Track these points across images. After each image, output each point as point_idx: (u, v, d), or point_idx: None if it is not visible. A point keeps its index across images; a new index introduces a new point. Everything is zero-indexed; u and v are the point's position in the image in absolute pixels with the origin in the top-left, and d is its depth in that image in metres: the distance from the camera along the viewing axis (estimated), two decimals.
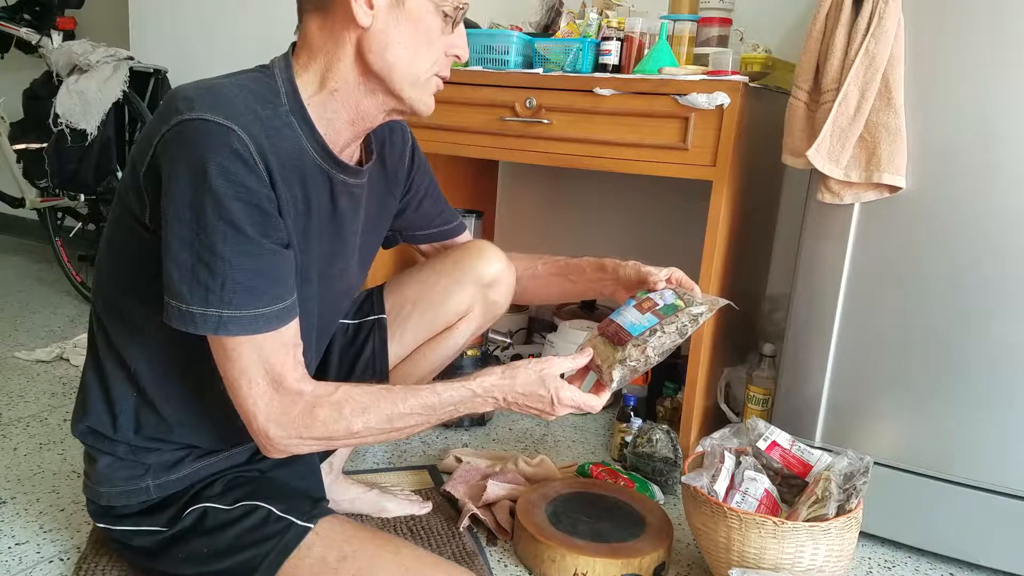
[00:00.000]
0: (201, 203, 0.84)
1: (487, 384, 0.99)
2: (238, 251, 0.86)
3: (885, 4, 1.25)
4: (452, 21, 0.99)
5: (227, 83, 0.92)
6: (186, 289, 0.86)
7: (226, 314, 0.87)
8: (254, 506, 1.03)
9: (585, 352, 1.08)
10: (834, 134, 1.32)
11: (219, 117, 0.85)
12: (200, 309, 0.87)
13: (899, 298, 1.34)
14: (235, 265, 0.86)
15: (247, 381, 0.90)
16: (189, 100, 0.87)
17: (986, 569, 1.36)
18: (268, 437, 0.93)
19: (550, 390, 0.99)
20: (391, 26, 0.94)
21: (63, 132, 2.31)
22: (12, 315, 2.43)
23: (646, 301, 1.11)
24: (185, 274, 0.86)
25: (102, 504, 1.06)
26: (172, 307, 0.88)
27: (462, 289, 1.26)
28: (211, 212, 0.84)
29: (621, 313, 1.11)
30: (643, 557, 1.22)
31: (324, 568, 0.99)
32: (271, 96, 0.94)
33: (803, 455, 1.26)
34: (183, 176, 0.85)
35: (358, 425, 0.94)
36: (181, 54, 2.53)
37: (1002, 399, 1.28)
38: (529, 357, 2.19)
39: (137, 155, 0.92)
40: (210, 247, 0.85)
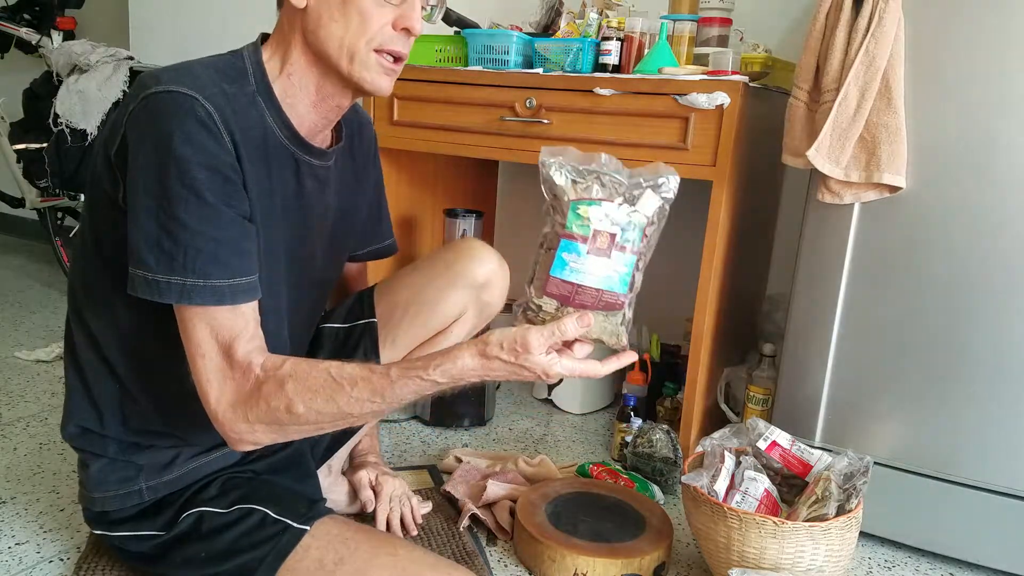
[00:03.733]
0: (165, 170, 0.85)
1: (454, 373, 0.87)
2: (199, 217, 0.86)
3: (885, 4, 1.25)
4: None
5: (194, 63, 0.94)
6: (152, 258, 0.86)
7: (189, 282, 0.86)
8: (250, 509, 1.03)
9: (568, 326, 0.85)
10: (834, 134, 1.32)
11: (183, 88, 0.87)
12: (164, 277, 0.86)
13: (899, 298, 1.34)
14: (196, 232, 0.86)
15: (201, 355, 0.89)
16: (155, 77, 0.88)
17: (986, 569, 1.36)
18: (218, 420, 0.90)
19: (535, 371, 0.86)
20: (322, 4, 0.95)
21: (63, 132, 2.31)
22: (12, 315, 2.43)
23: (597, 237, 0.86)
24: (150, 243, 0.86)
25: (96, 510, 1.06)
26: (139, 277, 0.87)
27: (455, 291, 1.24)
28: (175, 179, 0.85)
29: (575, 267, 0.86)
30: (643, 557, 1.22)
31: (321, 570, 0.99)
32: (238, 76, 0.95)
33: (803, 455, 1.26)
34: (148, 145, 0.86)
35: (301, 408, 0.88)
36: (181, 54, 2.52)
37: (1002, 399, 1.28)
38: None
39: (108, 137, 0.92)
40: (173, 215, 0.85)
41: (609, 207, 0.86)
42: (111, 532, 1.07)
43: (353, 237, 1.25)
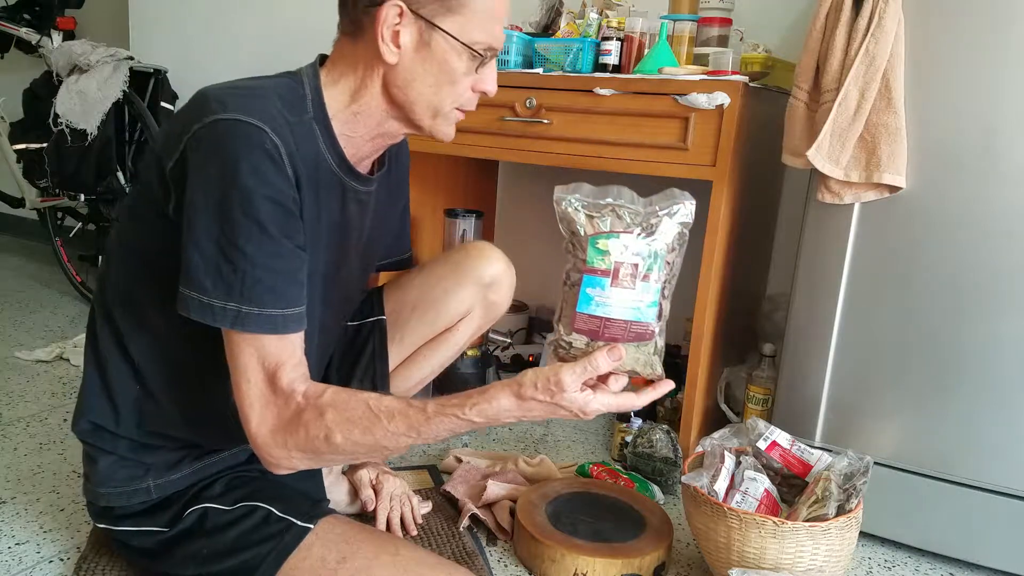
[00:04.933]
0: (230, 199, 0.85)
1: (491, 413, 0.88)
2: (260, 248, 0.87)
3: (885, 4, 1.25)
4: (481, 61, 1.00)
5: (257, 86, 0.94)
6: (209, 282, 0.87)
7: (244, 309, 0.87)
8: (254, 507, 1.03)
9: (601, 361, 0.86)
10: (834, 134, 1.32)
11: (253, 119, 0.87)
12: (220, 302, 0.87)
13: (899, 298, 1.34)
14: (257, 263, 0.87)
15: (246, 380, 0.90)
16: (222, 101, 0.88)
17: (986, 569, 1.36)
18: (257, 444, 0.91)
19: (571, 411, 0.88)
20: (416, 65, 0.97)
21: (63, 132, 2.31)
22: (12, 315, 2.44)
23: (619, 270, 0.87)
24: (209, 267, 0.87)
25: (102, 505, 1.06)
26: (192, 298, 0.88)
27: (462, 290, 1.27)
28: (239, 209, 0.85)
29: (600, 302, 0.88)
30: (643, 557, 1.22)
31: (323, 568, 0.99)
32: (296, 102, 0.96)
33: (803, 455, 1.26)
34: (213, 172, 0.86)
35: (339, 438, 0.89)
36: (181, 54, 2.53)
37: (1002, 399, 1.28)
38: (530, 358, 2.19)
39: (164, 149, 0.92)
40: (234, 243, 0.86)
41: (628, 238, 0.87)
42: (115, 527, 1.08)
43: (381, 252, 1.28)
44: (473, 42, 0.97)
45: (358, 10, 0.96)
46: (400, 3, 0.93)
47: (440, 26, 0.95)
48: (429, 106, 1.00)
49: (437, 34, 0.95)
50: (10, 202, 2.83)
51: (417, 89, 0.98)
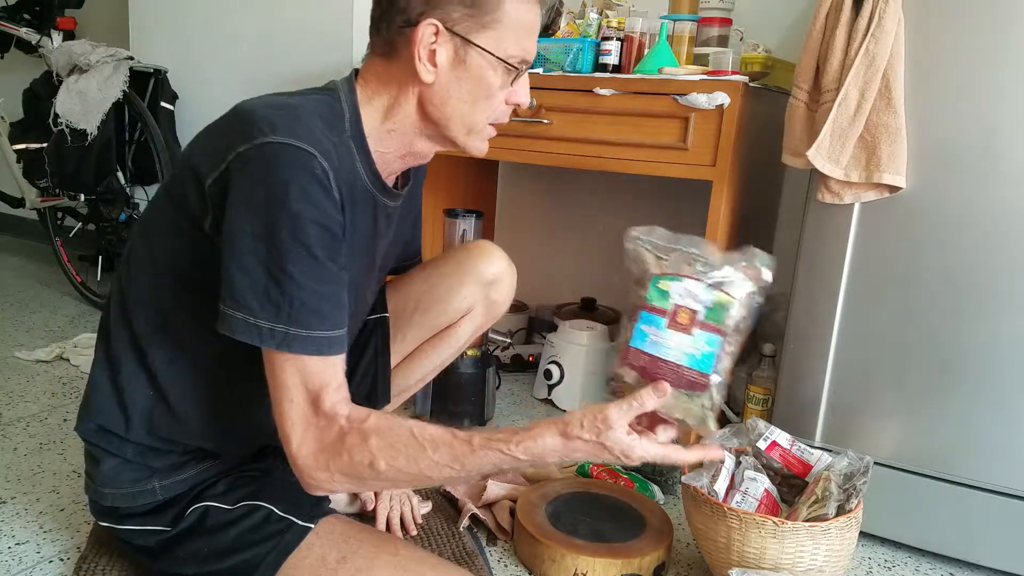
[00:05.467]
0: (279, 223, 0.85)
1: (536, 451, 0.87)
2: (308, 272, 0.87)
3: (885, 4, 1.25)
4: (516, 74, 1.01)
5: (299, 106, 0.93)
6: (256, 304, 0.86)
7: (292, 331, 0.87)
8: (255, 506, 1.03)
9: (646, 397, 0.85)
10: (834, 134, 1.32)
11: (302, 143, 0.87)
12: (268, 324, 0.86)
13: (899, 298, 1.34)
14: (304, 286, 0.87)
15: (288, 400, 0.89)
16: (271, 123, 0.88)
17: (986, 569, 1.36)
18: (298, 466, 0.90)
19: (616, 453, 0.86)
20: (452, 82, 0.98)
21: (63, 132, 2.31)
22: (12, 315, 2.44)
23: (678, 312, 0.87)
24: (256, 289, 0.86)
25: (106, 505, 1.06)
26: (237, 318, 0.87)
27: (464, 288, 1.27)
28: (288, 233, 0.85)
29: (655, 340, 0.88)
30: (643, 557, 1.22)
31: (324, 568, 0.99)
32: (335, 121, 0.96)
33: (803, 455, 1.26)
34: (262, 194, 0.85)
35: (383, 463, 0.88)
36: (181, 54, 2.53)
37: (1002, 399, 1.28)
38: (530, 358, 2.19)
39: (203, 164, 0.91)
40: (282, 267, 0.86)
41: (691, 283, 0.86)
42: (117, 525, 1.07)
43: (395, 257, 1.29)
44: (508, 56, 0.98)
45: (392, 31, 0.97)
46: (435, 22, 0.94)
47: (475, 42, 0.96)
48: (464, 122, 1.01)
49: (472, 50, 0.96)
50: (10, 202, 2.83)
51: (453, 105, 0.99)
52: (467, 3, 0.94)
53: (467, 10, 0.95)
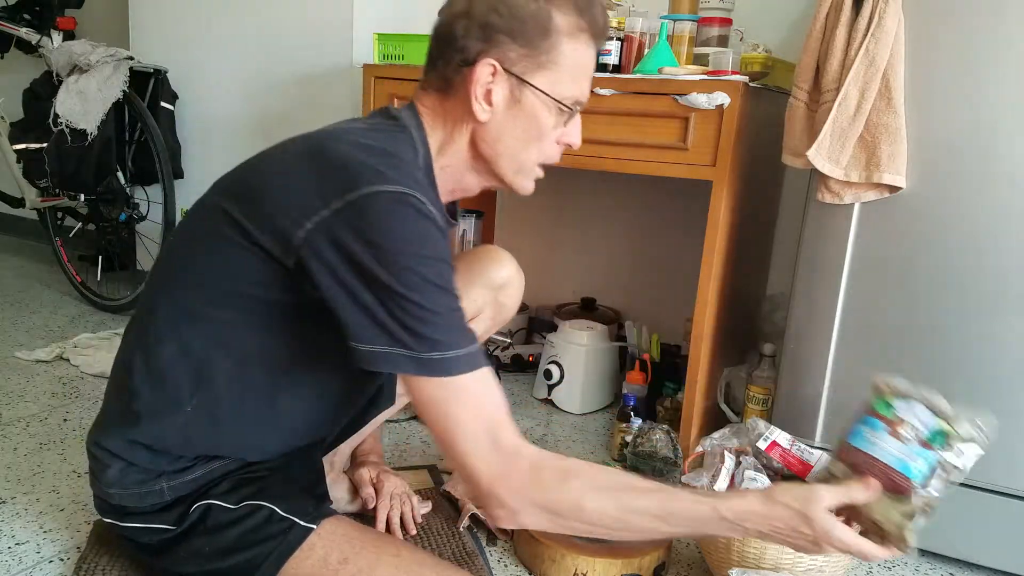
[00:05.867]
0: (410, 266, 0.86)
1: (739, 509, 0.88)
2: (447, 305, 0.89)
3: (885, 4, 1.25)
4: (569, 115, 1.02)
5: (397, 153, 0.95)
6: (410, 339, 0.87)
7: (451, 354, 0.88)
8: (257, 505, 1.03)
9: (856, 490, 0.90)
10: (834, 134, 1.32)
11: (412, 190, 0.88)
12: (427, 354, 0.87)
13: (899, 297, 1.34)
14: (447, 316, 0.89)
15: (463, 433, 0.89)
16: (376, 170, 0.89)
17: (986, 569, 1.36)
18: (498, 498, 0.90)
19: (815, 529, 0.87)
20: (507, 121, 1.00)
21: (63, 132, 2.31)
22: (12, 315, 2.44)
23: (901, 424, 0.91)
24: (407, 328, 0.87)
25: (113, 504, 1.06)
26: (397, 355, 0.88)
27: (473, 291, 1.27)
28: (419, 272, 0.87)
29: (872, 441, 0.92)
30: (643, 557, 1.22)
31: (325, 569, 0.99)
32: (414, 158, 0.99)
33: (803, 455, 1.26)
34: (389, 244, 0.86)
35: (590, 504, 0.89)
36: (181, 54, 2.53)
37: (1002, 399, 1.28)
38: (530, 358, 2.19)
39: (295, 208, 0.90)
40: (423, 304, 0.87)
41: (918, 407, 0.91)
42: (121, 522, 1.07)
43: None
44: (563, 97, 1.00)
45: (449, 69, 0.99)
46: (493, 62, 0.96)
47: (531, 83, 0.98)
48: (514, 161, 1.03)
49: (528, 90, 0.98)
50: (10, 202, 2.83)
51: (505, 143, 1.01)
52: (525, 44, 0.96)
53: (525, 50, 0.97)
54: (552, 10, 0.97)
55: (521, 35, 0.96)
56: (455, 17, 0.98)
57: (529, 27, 0.96)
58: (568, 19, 0.98)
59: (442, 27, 1.00)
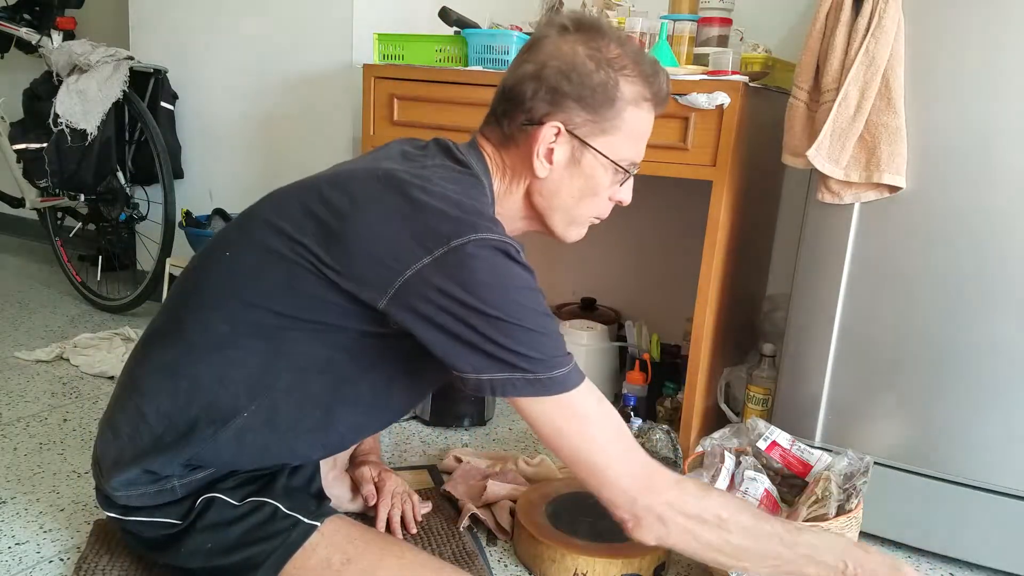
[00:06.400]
0: (515, 299, 0.90)
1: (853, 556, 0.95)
2: (550, 328, 0.93)
3: (885, 4, 1.25)
4: (625, 176, 1.07)
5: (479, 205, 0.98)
6: (526, 364, 0.90)
7: (564, 371, 0.92)
8: (261, 502, 1.03)
9: None
10: (834, 134, 1.32)
11: (502, 237, 0.92)
12: (545, 374, 0.91)
13: (899, 298, 1.34)
14: (552, 336, 0.93)
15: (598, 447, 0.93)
16: (469, 222, 0.91)
17: (986, 569, 1.36)
18: (649, 507, 0.92)
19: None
20: (564, 179, 1.05)
21: (63, 132, 2.31)
22: (12, 315, 2.44)
23: None
24: (519, 355, 0.90)
25: (121, 504, 1.06)
26: (516, 380, 0.91)
27: None
28: (523, 309, 0.90)
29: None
30: (643, 557, 1.22)
31: (328, 569, 0.99)
32: (490, 207, 1.05)
33: (803, 455, 1.26)
34: (493, 280, 0.90)
35: (729, 515, 0.92)
36: (181, 54, 2.53)
37: (1002, 399, 1.28)
38: None
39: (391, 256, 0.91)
40: (525, 325, 0.90)
41: None
42: (125, 517, 1.07)
43: None
44: (620, 159, 1.04)
45: (515, 126, 1.03)
46: (558, 124, 1.01)
47: (593, 145, 1.02)
48: (568, 215, 1.08)
49: (588, 152, 1.03)
50: (10, 202, 2.83)
51: (561, 199, 1.06)
52: (590, 109, 1.00)
53: (589, 115, 1.01)
54: (620, 80, 1.01)
55: (588, 102, 1.00)
56: (525, 78, 1.01)
57: (598, 96, 1.00)
58: (634, 88, 1.02)
59: (511, 85, 1.03)
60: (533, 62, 1.02)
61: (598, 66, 1.00)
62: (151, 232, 2.55)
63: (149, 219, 2.51)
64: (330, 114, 2.25)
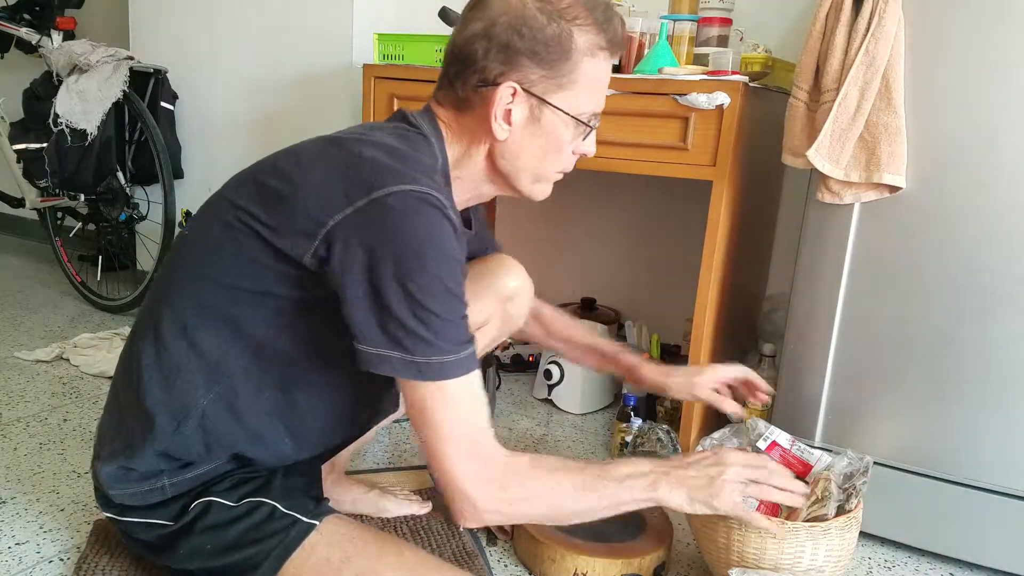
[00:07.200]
0: (426, 268, 0.87)
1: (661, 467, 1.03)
2: (452, 309, 0.90)
3: (885, 4, 1.25)
4: (587, 129, 1.04)
5: (420, 158, 0.96)
6: (409, 343, 0.89)
7: (446, 360, 0.90)
8: (259, 502, 1.03)
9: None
10: (834, 134, 1.32)
11: (433, 191, 0.90)
12: (424, 359, 0.89)
13: (899, 298, 1.34)
14: (449, 320, 0.90)
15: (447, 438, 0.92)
16: (398, 171, 0.90)
17: (986, 569, 1.36)
18: (468, 498, 0.93)
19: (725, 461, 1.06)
20: (525, 139, 1.02)
21: (63, 132, 2.31)
22: (12, 315, 2.44)
23: None
24: (408, 331, 0.88)
25: (114, 502, 1.06)
26: (395, 359, 0.89)
27: (481, 300, 1.26)
28: (434, 276, 0.88)
29: None
30: (643, 557, 1.22)
31: (327, 568, 0.99)
32: (435, 165, 1.00)
33: (803, 455, 1.26)
34: (405, 242, 0.87)
35: (551, 485, 0.96)
36: (181, 54, 2.53)
37: (1002, 399, 1.28)
38: (530, 358, 2.19)
39: (319, 207, 0.90)
40: (430, 307, 0.88)
41: None
42: (121, 517, 1.07)
43: None
44: (581, 113, 1.02)
45: (467, 88, 1.00)
46: (514, 84, 0.97)
47: (551, 102, 0.99)
48: (533, 174, 1.05)
49: (547, 109, 1.00)
50: (10, 202, 2.83)
51: (524, 159, 1.03)
52: (545, 64, 0.97)
53: (545, 71, 0.97)
54: (574, 30, 0.97)
55: (543, 58, 0.97)
56: (474, 37, 0.98)
57: (551, 50, 0.97)
58: (588, 37, 0.98)
59: (460, 47, 0.99)
60: (482, 19, 0.97)
61: (549, 18, 0.96)
62: (151, 232, 2.55)
63: (149, 219, 2.51)
64: (330, 114, 2.25)
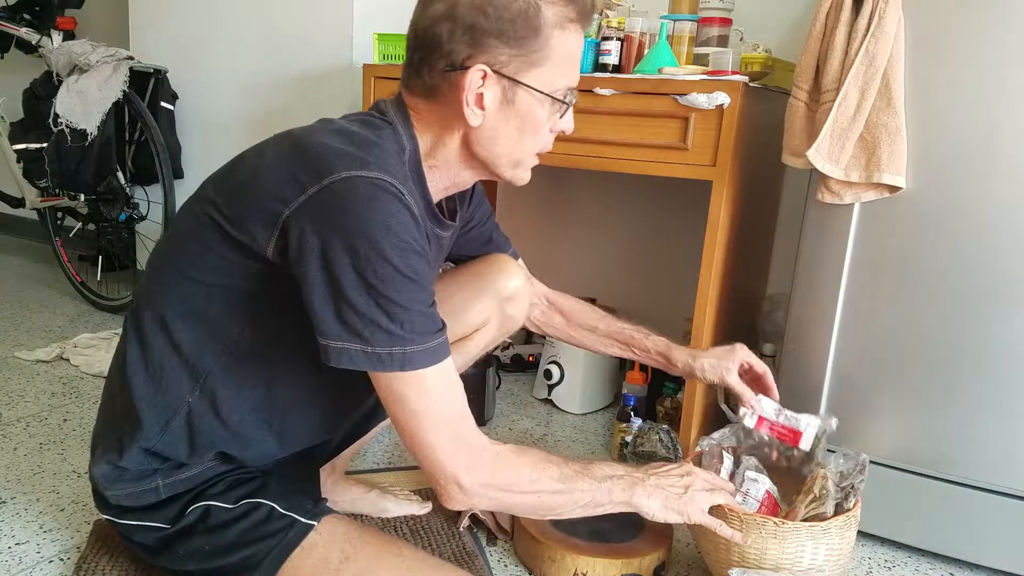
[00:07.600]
0: (380, 254, 0.85)
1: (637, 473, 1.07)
2: (413, 298, 0.88)
3: (885, 4, 1.25)
4: (563, 106, 1.01)
5: (379, 144, 0.93)
6: (368, 333, 0.86)
7: (409, 350, 0.88)
8: (257, 503, 1.03)
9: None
10: (834, 134, 1.32)
11: (391, 178, 0.87)
12: (386, 349, 0.87)
13: (899, 298, 1.34)
14: (411, 309, 0.87)
15: (431, 427, 0.91)
16: (355, 157, 0.88)
17: (986, 569, 1.36)
18: (460, 485, 0.92)
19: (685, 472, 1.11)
20: (499, 122, 0.98)
21: (63, 132, 2.31)
22: (12, 315, 2.44)
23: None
24: (366, 321, 0.86)
25: (111, 502, 1.06)
26: (354, 351, 0.87)
27: (480, 301, 1.26)
28: (389, 262, 0.85)
29: None
30: (643, 557, 1.22)
31: (326, 568, 0.99)
32: (401, 154, 0.97)
33: (790, 422, 1.25)
34: (359, 230, 0.85)
35: (535, 474, 0.97)
36: (181, 54, 2.53)
37: (1002, 399, 1.28)
38: (530, 358, 2.19)
39: (274, 193, 0.89)
40: (388, 296, 0.86)
41: None
42: (118, 519, 1.07)
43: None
44: (555, 90, 0.98)
45: (435, 74, 0.95)
46: (483, 67, 0.93)
47: (524, 82, 0.95)
48: (511, 158, 1.02)
49: (521, 89, 0.96)
50: (10, 202, 2.83)
51: (500, 144, 0.99)
52: (514, 43, 0.93)
53: (514, 50, 0.93)
54: (540, 4, 0.93)
55: (511, 36, 0.92)
56: (437, 20, 0.93)
57: (519, 27, 0.92)
58: (556, 10, 0.94)
59: (423, 30, 0.95)
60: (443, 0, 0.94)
61: None
62: (151, 232, 2.56)
63: (149, 219, 2.51)
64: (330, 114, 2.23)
